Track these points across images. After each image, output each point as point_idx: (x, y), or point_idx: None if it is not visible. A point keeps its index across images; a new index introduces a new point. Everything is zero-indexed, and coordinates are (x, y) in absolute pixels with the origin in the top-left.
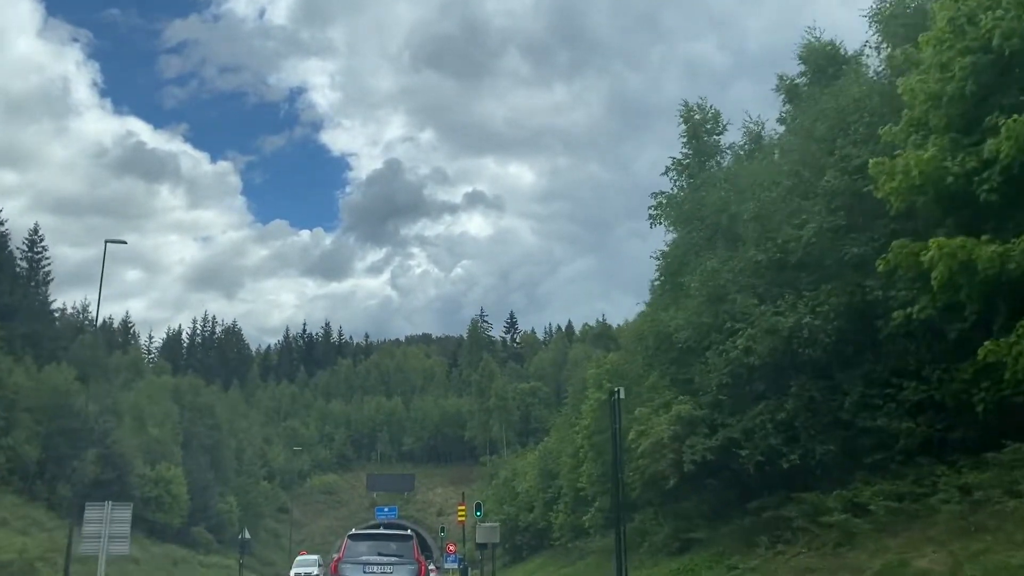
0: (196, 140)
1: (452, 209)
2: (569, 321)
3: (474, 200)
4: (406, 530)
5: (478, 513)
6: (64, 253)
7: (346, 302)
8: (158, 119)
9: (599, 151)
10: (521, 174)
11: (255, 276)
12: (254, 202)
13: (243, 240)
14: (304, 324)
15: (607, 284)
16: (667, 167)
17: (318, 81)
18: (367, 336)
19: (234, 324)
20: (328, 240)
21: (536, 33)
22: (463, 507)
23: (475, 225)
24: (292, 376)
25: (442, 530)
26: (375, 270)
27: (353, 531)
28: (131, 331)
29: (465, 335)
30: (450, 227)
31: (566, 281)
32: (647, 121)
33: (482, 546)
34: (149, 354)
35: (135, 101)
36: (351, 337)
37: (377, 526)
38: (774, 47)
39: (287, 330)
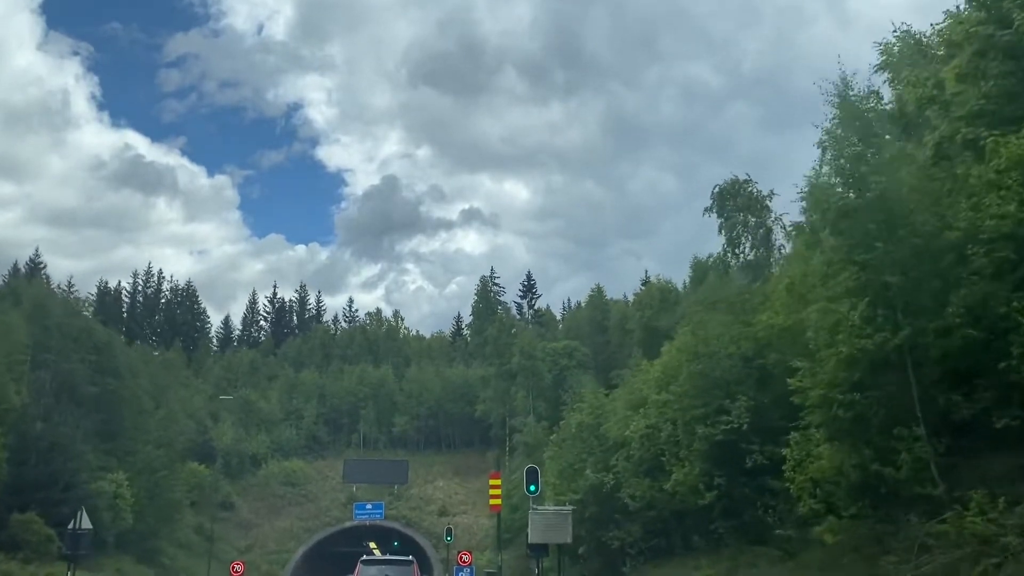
0: (194, 154)
1: (448, 226)
2: (598, 285)
3: (470, 217)
4: (407, 555)
5: (531, 489)
6: (59, 265)
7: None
8: (156, 133)
9: (594, 170)
10: (516, 192)
11: (249, 290)
12: (250, 216)
13: (239, 254)
14: (275, 288)
15: None
16: None
17: (315, 97)
18: (351, 302)
19: (188, 285)
20: (323, 255)
21: (533, 52)
22: (497, 480)
23: (470, 242)
24: (255, 344)
25: (448, 534)
26: (369, 285)
27: (364, 557)
28: (41, 271)
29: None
30: (445, 244)
31: (558, 299)
32: (642, 141)
33: (538, 550)
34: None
35: (134, 114)
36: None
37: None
38: (770, 69)
39: (253, 293)
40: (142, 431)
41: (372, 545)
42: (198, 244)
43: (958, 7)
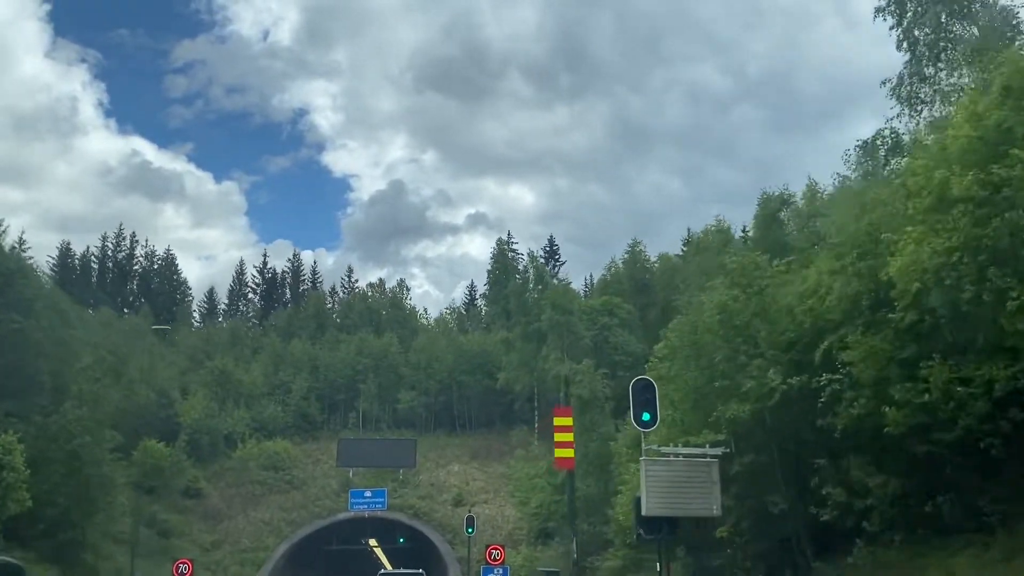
0: (200, 160)
1: (454, 230)
2: (635, 239)
3: (476, 221)
4: (417, 569)
5: (645, 418)
6: None
7: None
8: (163, 139)
9: (599, 173)
10: (522, 196)
11: None
12: (258, 222)
13: (246, 260)
14: (265, 256)
15: None
16: None
17: (321, 102)
18: (350, 271)
19: (167, 252)
20: (330, 260)
21: (538, 56)
22: (566, 419)
23: (476, 246)
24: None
25: (469, 526)
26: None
27: (382, 571)
28: None
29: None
30: (451, 248)
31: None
32: (648, 143)
33: (658, 527)
34: None
35: (141, 120)
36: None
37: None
38: (775, 71)
39: (240, 263)
40: (65, 392)
41: (372, 543)
42: (206, 250)
43: None
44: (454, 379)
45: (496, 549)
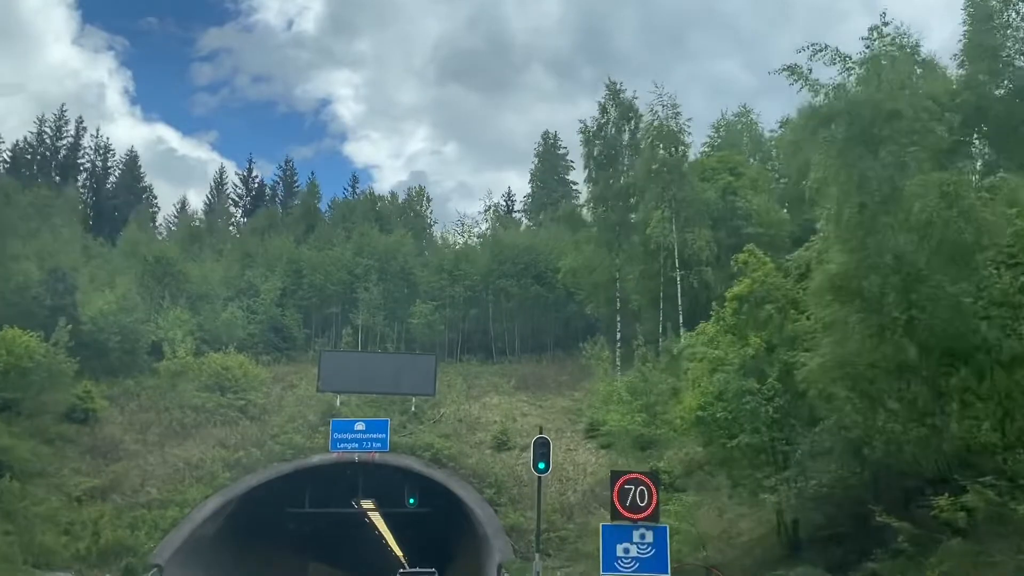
0: (224, 148)
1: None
2: (745, 106)
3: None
4: (429, 568)
5: None
6: None
7: None
8: (188, 126)
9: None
10: None
11: None
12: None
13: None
14: (251, 162)
15: None
16: None
17: (344, 93)
18: (355, 180)
19: (130, 152)
20: None
21: (561, 49)
22: None
23: None
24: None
25: (542, 462)
26: None
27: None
28: None
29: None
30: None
31: None
32: None
33: None
34: None
35: (166, 108)
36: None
37: None
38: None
39: (220, 171)
40: None
41: (367, 506)
42: None
43: None
44: (490, 286)
45: (638, 479)
